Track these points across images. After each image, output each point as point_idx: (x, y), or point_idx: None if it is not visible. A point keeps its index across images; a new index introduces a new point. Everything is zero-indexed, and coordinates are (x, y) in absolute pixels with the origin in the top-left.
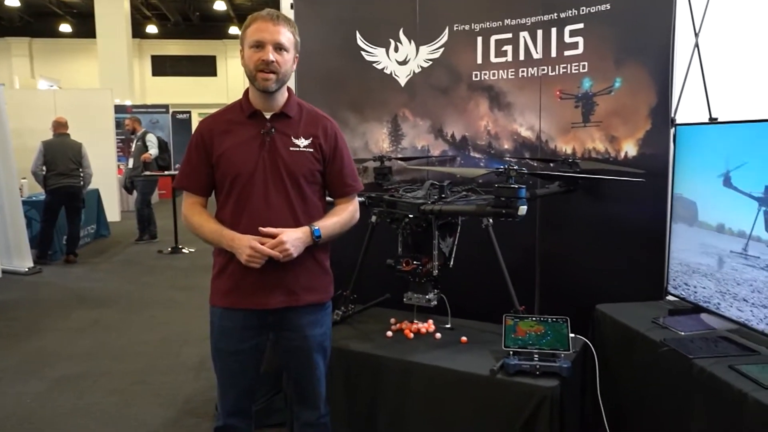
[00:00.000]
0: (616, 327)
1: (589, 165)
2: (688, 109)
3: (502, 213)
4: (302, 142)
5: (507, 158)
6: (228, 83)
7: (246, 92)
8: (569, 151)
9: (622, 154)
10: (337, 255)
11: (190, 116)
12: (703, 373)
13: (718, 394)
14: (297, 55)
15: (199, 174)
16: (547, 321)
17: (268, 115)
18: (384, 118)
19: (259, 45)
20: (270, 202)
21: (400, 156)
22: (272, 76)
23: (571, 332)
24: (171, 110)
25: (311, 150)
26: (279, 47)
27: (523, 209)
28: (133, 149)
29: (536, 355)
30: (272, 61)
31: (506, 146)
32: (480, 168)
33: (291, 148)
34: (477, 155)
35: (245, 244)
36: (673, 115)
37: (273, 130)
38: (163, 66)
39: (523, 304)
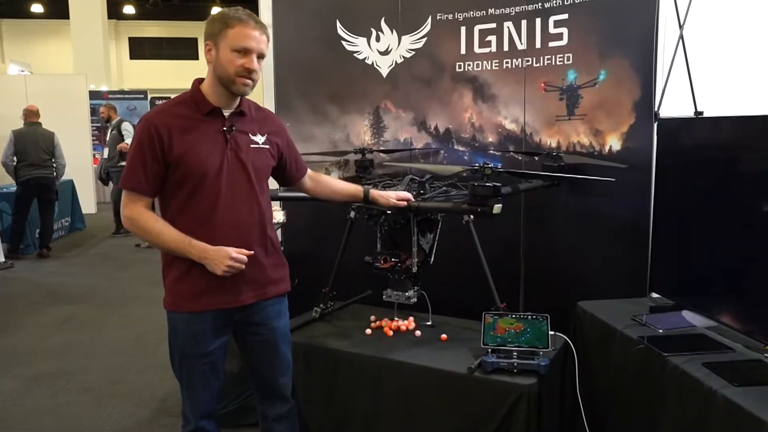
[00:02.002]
0: (596, 324)
1: (573, 159)
2: (673, 102)
3: (478, 211)
4: (260, 139)
5: (491, 151)
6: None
7: (197, 87)
8: (554, 144)
9: (607, 148)
10: (316, 251)
11: None
12: (676, 370)
13: (689, 391)
14: None
15: (153, 175)
16: (527, 318)
17: (227, 113)
18: (365, 110)
19: (245, 52)
20: (237, 202)
21: (382, 149)
22: (251, 82)
23: (554, 329)
24: (150, 96)
25: (267, 147)
26: (261, 56)
27: (497, 208)
28: (108, 138)
29: (515, 353)
30: (255, 70)
31: (490, 139)
32: (455, 166)
33: (252, 146)
34: (461, 148)
35: (223, 255)
36: (656, 110)
37: (234, 128)
38: (141, 49)
39: (506, 301)
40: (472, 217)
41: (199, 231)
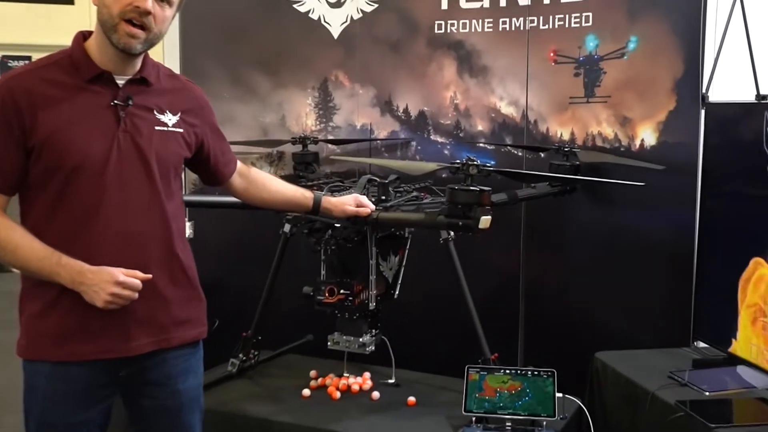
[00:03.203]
0: (620, 383)
1: (591, 157)
2: (727, 83)
3: (459, 225)
4: (170, 119)
5: (481, 144)
6: (92, 15)
7: (80, 42)
8: (566, 136)
9: (637, 143)
10: (235, 279)
11: None
12: None
13: None
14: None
15: (9, 163)
16: (526, 375)
17: (120, 81)
18: (309, 84)
19: None
20: (131, 207)
21: (330, 138)
22: (142, 33)
23: (562, 390)
24: (0, 54)
25: (180, 130)
26: None
27: (485, 221)
28: None
29: (508, 423)
30: (148, 12)
31: (480, 127)
32: (430, 163)
33: (157, 128)
34: (439, 139)
35: (106, 279)
36: (704, 91)
37: (130, 102)
38: None
39: (498, 351)
40: (452, 234)
41: (73, 245)
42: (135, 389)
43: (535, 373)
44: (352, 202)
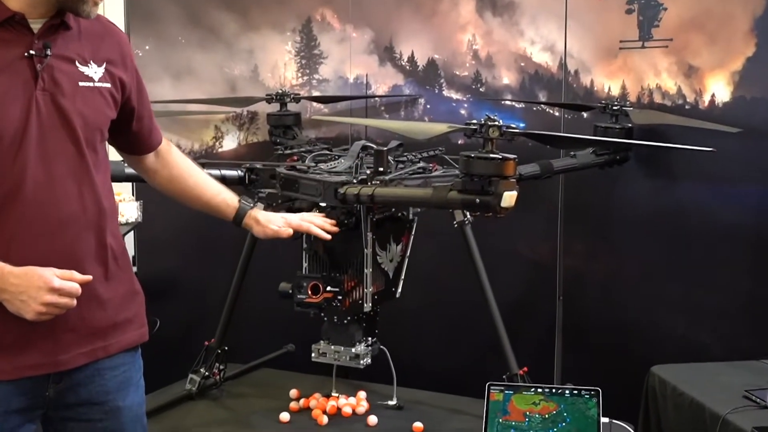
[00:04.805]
0: (683, 404)
1: (648, 117)
2: None
3: (475, 203)
4: (95, 72)
5: (508, 101)
6: None
7: None
8: (615, 90)
9: (706, 98)
10: (195, 273)
11: None
12: None
13: None
14: None
15: None
16: (564, 395)
17: (36, 25)
18: (287, 26)
19: None
20: (58, 185)
21: (316, 95)
22: None
23: (608, 414)
24: None
25: (107, 85)
26: None
27: (509, 198)
28: None
29: None
30: None
31: (506, 80)
32: (441, 124)
33: (81, 83)
34: (454, 95)
35: (38, 285)
36: None
37: (48, 53)
38: None
39: (528, 364)
40: (468, 216)
41: None
42: (65, 412)
43: (575, 392)
44: (282, 222)
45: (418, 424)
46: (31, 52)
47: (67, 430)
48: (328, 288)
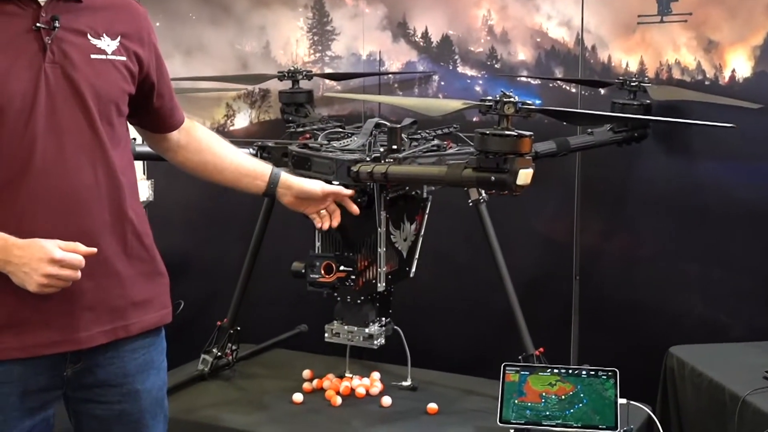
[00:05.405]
0: (702, 385)
1: (667, 94)
2: None
3: (491, 180)
4: (108, 45)
5: (524, 77)
6: None
7: None
8: (633, 66)
9: (727, 74)
10: (207, 253)
11: None
12: None
13: None
14: None
15: None
16: (581, 375)
17: None
18: (299, 1)
19: None
20: (69, 158)
21: (328, 71)
22: None
23: (626, 395)
24: None
25: (123, 58)
26: None
27: (525, 175)
28: None
29: None
30: None
31: (522, 56)
32: (456, 101)
33: (93, 56)
34: (469, 72)
35: (38, 256)
36: None
37: (57, 24)
38: None
39: (545, 344)
40: (483, 194)
41: None
42: (83, 393)
43: (592, 372)
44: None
45: (432, 405)
46: (39, 24)
47: (85, 411)
48: (342, 267)
